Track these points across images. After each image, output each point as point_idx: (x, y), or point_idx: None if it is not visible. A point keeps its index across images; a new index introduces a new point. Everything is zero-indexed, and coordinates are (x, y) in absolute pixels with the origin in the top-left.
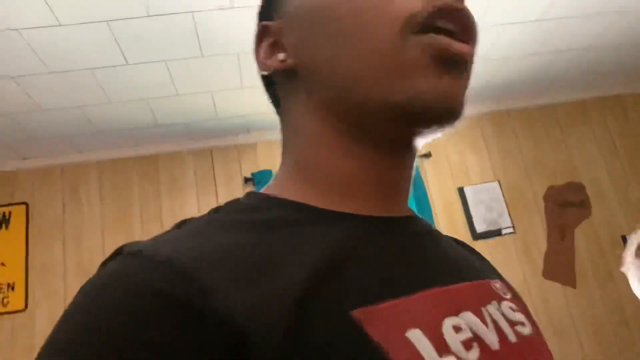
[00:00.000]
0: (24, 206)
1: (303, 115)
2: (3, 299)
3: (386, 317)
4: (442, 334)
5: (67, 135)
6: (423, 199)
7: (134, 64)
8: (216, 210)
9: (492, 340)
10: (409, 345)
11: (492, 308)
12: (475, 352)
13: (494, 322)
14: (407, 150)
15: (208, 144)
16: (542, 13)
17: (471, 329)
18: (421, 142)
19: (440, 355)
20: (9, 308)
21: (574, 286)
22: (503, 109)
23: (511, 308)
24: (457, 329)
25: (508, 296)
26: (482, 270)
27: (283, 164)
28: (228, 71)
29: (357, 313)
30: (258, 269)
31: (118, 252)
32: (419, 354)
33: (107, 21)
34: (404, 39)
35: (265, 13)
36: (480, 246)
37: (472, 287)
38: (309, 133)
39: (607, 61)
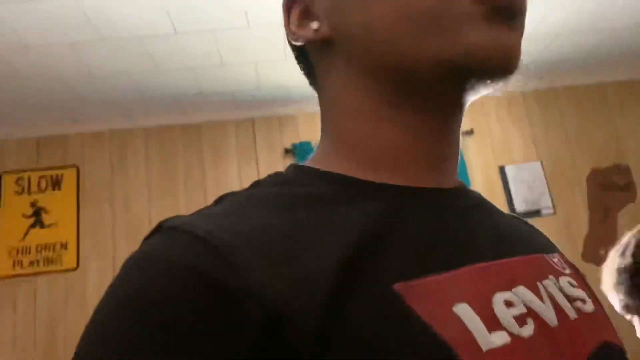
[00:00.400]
0: (74, 169)
1: (343, 86)
2: (57, 257)
3: (431, 292)
4: (492, 309)
5: (115, 101)
6: (462, 177)
7: (183, 33)
8: (257, 184)
9: (549, 316)
10: (456, 320)
11: (549, 283)
12: (529, 328)
13: (551, 297)
14: (454, 112)
15: (250, 114)
16: None
17: (525, 304)
18: (469, 101)
19: (490, 330)
20: (62, 267)
21: None
22: (550, 86)
23: (570, 284)
24: (509, 303)
25: (567, 271)
26: (539, 244)
27: (323, 137)
28: (272, 42)
29: (399, 287)
30: (297, 245)
31: (159, 227)
32: (466, 330)
33: None
34: None
35: None
36: None
37: (526, 261)
38: (349, 104)
39: None
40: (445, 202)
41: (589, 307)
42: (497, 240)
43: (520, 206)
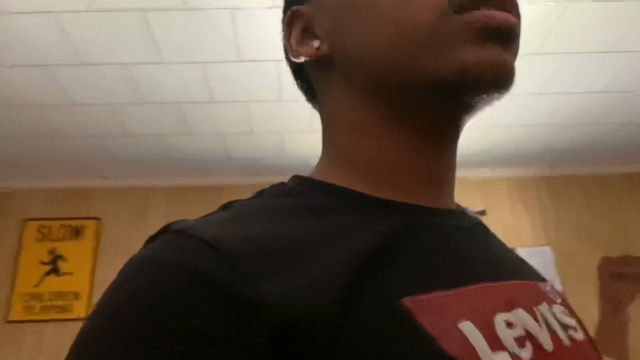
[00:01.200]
0: (96, 221)
1: (342, 103)
2: (68, 306)
3: (437, 307)
4: (494, 329)
5: (143, 159)
6: None
7: (218, 102)
8: (260, 194)
9: (546, 340)
10: (461, 336)
11: (543, 308)
12: (528, 351)
13: (547, 323)
14: (451, 133)
15: (271, 179)
16: (607, 86)
17: (524, 327)
18: (466, 122)
19: (493, 349)
20: (71, 315)
21: None
22: (560, 174)
23: (563, 312)
24: (509, 324)
25: (559, 301)
26: (532, 271)
27: (325, 151)
28: (300, 115)
29: (407, 302)
30: (304, 254)
31: (164, 230)
32: (471, 346)
33: (202, 63)
34: (445, 18)
35: None
36: None
37: (522, 286)
38: (349, 121)
39: None
40: (447, 221)
41: (579, 335)
42: (495, 263)
43: None
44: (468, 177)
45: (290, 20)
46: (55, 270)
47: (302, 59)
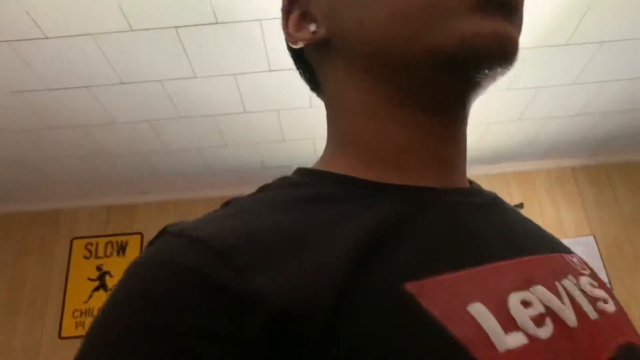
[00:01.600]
0: (139, 236)
1: (344, 86)
2: None
3: (444, 291)
4: (508, 309)
5: (183, 173)
6: None
7: (251, 112)
8: (265, 188)
9: (569, 316)
10: (471, 319)
11: (568, 283)
12: (547, 329)
13: (571, 297)
14: (457, 110)
15: None
16: None
17: (544, 304)
18: (472, 99)
19: (506, 331)
20: None
21: None
22: (600, 162)
23: (591, 284)
24: (526, 304)
25: (587, 272)
26: (557, 243)
27: (329, 139)
28: None
29: (409, 286)
30: (301, 244)
31: (163, 232)
32: (481, 330)
33: (234, 75)
34: None
35: None
36: None
37: (544, 260)
38: (352, 104)
39: None
40: (457, 200)
41: (610, 307)
42: (512, 239)
43: None
44: (506, 171)
45: (287, 7)
46: (102, 286)
47: (300, 45)
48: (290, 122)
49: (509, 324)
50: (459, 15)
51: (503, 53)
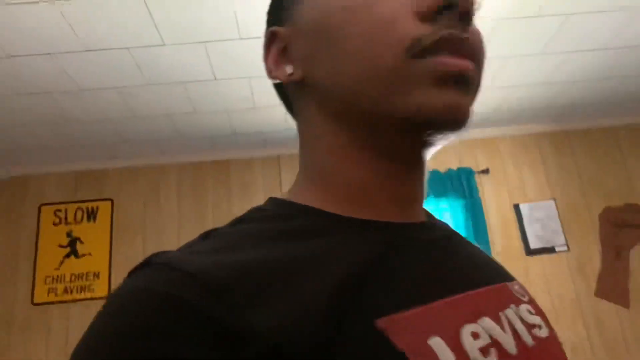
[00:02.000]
0: (109, 202)
1: (316, 125)
2: (89, 286)
3: (409, 326)
4: (460, 342)
5: (153, 139)
6: (478, 214)
7: (221, 79)
8: (241, 220)
9: (509, 344)
10: (431, 353)
11: (510, 312)
12: (492, 359)
13: (512, 326)
14: (416, 160)
15: (276, 152)
16: (609, 42)
17: (489, 335)
18: (431, 152)
19: None
20: (93, 294)
21: (627, 306)
22: (563, 129)
23: (529, 311)
24: (475, 335)
25: (526, 299)
26: (501, 272)
27: (301, 171)
28: None
29: (381, 322)
30: (286, 282)
31: (146, 262)
32: None
33: (204, 42)
34: (406, 61)
35: (274, 15)
36: (533, 262)
37: (492, 292)
38: (323, 142)
39: None
40: (420, 236)
41: (543, 332)
42: (466, 272)
43: (534, 243)
44: (472, 137)
45: (268, 41)
46: (74, 252)
47: (277, 81)
48: (261, 89)
49: (462, 356)
50: (419, 86)
51: (454, 122)
